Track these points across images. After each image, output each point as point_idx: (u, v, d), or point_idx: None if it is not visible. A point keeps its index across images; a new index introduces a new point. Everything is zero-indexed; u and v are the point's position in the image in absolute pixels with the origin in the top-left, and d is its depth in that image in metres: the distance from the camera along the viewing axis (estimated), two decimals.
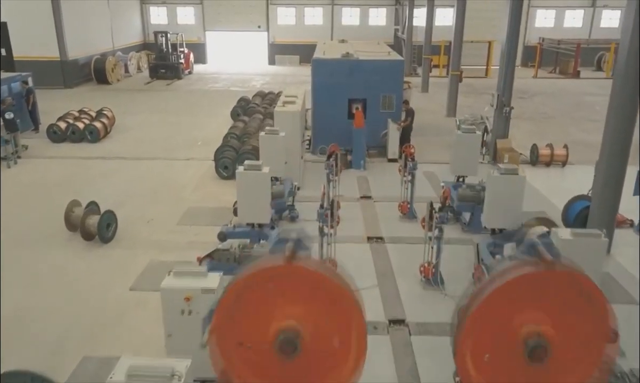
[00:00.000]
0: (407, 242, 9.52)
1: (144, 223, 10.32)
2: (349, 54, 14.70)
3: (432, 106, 22.19)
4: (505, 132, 14.31)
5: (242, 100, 20.28)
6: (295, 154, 11.71)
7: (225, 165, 12.67)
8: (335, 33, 35.19)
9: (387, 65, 14.30)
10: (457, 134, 10.54)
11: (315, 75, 14.37)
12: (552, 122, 19.65)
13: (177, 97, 23.99)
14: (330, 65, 14.34)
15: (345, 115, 14.53)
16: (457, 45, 19.09)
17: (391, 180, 12.24)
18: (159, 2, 35.07)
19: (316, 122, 14.73)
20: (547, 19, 35.52)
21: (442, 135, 17.24)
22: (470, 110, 21.18)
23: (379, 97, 14.39)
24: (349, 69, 14.28)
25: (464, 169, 10.66)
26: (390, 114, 14.48)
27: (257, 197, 8.20)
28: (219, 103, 21.90)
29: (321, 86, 14.38)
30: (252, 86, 26.93)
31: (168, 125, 18.37)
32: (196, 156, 14.65)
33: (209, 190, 12.14)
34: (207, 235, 9.39)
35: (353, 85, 14.32)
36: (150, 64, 28.62)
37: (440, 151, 15.47)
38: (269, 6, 34.98)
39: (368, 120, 14.34)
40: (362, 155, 13.58)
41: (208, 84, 27.83)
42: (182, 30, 33.77)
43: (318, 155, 14.74)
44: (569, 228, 5.96)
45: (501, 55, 13.91)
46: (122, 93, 24.71)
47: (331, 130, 14.51)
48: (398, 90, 14.41)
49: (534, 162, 14.09)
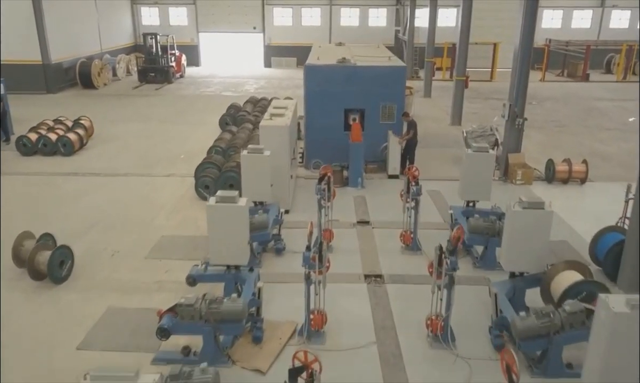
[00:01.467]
0: (411, 282, 8.17)
1: (107, 256, 8.99)
2: (345, 60, 13.36)
3: (436, 113, 20.85)
4: (518, 145, 12.97)
5: (232, 107, 18.95)
6: (284, 174, 10.38)
7: (206, 185, 11.34)
8: (334, 34, 33.89)
9: (387, 72, 12.96)
10: (467, 153, 9.20)
11: (308, 82, 13.04)
12: (564, 131, 18.30)
13: (165, 102, 22.66)
14: (325, 72, 13.00)
15: (342, 126, 13.20)
16: (463, 48, 17.75)
17: (392, 201, 10.92)
18: (150, 2, 33.75)
19: (309, 134, 13.40)
20: (554, 19, 34.17)
21: (448, 147, 15.90)
22: (476, 118, 19.90)
23: (378, 107, 13.06)
24: (345, 76, 12.94)
25: (474, 192, 9.33)
26: (391, 125, 13.14)
27: (233, 234, 6.87)
28: (209, 109, 20.57)
29: (314, 95, 13.05)
30: (245, 91, 25.61)
31: (151, 135, 17.04)
32: (178, 172, 13.31)
33: (188, 214, 10.81)
34: (179, 271, 8.09)
35: (350, 94, 12.99)
36: (139, 67, 27.27)
37: (445, 165, 14.13)
38: (265, 6, 33.65)
39: (366, 132, 13.03)
40: (360, 172, 12.24)
41: (199, 88, 26.50)
42: (175, 32, 32.57)
43: (311, 170, 13.42)
44: (622, 295, 4.62)
45: (513, 61, 12.58)
46: (108, 98, 23.39)
47: (326, 143, 13.24)
48: (400, 100, 13.07)
49: (550, 179, 12.74)
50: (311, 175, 13.16)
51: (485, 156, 9.15)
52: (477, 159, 9.13)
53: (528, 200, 6.79)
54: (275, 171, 9.98)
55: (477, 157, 9.13)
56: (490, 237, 8.38)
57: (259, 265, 8.56)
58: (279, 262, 8.82)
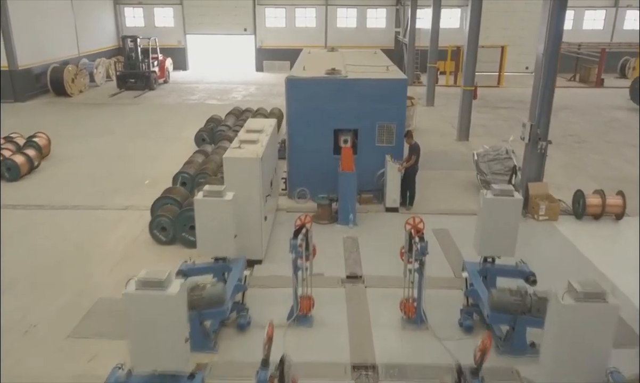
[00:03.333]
0: (414, 377, 6.11)
1: (20, 333, 6.93)
2: (335, 71, 11.31)
3: (440, 125, 18.78)
4: (540, 173, 10.91)
5: (211, 120, 16.90)
6: (254, 217, 8.33)
7: (163, 226, 9.28)
8: (330, 36, 31.85)
9: (385, 85, 10.89)
10: (486, 197, 7.12)
11: (290, 98, 10.99)
12: (585, 147, 16.22)
13: (141, 112, 20.59)
14: (310, 85, 10.94)
15: (331, 149, 11.17)
16: (471, 54, 15.67)
17: (390, 244, 8.88)
18: (134, 2, 31.68)
19: (293, 159, 11.35)
20: None
21: (455, 169, 13.83)
22: (485, 131, 17.87)
23: (374, 127, 11.00)
24: (335, 91, 10.89)
25: (495, 247, 7.26)
26: (390, 148, 11.09)
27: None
28: (188, 121, 18.51)
29: (298, 113, 11.00)
30: (231, 99, 23.55)
31: (117, 153, 14.98)
32: (137, 203, 11.24)
33: (139, 265, 8.72)
34: (108, 358, 6.03)
35: (341, 111, 10.94)
36: (118, 72, 25.21)
37: (453, 194, 12.07)
38: (256, 7, 31.57)
39: (360, 156, 11.02)
40: (352, 207, 10.17)
41: (183, 95, 24.42)
42: (161, 33, 30.64)
43: (295, 200, 11.38)
44: None
45: (535, 72, 10.53)
46: (80, 108, 21.32)
47: (312, 169, 11.23)
48: (400, 118, 11.01)
49: (579, 214, 10.67)
50: (295, 206, 11.14)
51: (510, 202, 7.08)
52: (499, 206, 7.06)
53: (583, 289, 4.72)
54: (243, 215, 7.96)
55: (498, 204, 7.06)
56: (518, 315, 6.33)
57: (213, 349, 6.51)
58: (241, 342, 6.75)
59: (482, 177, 11.87)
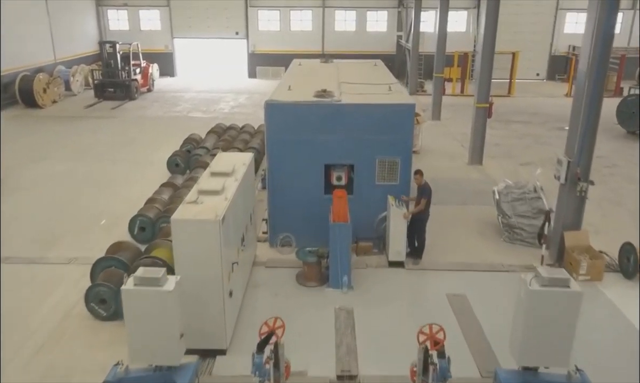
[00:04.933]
0: None
1: None
2: (326, 93, 9.25)
3: (448, 144, 16.72)
4: (578, 220, 8.87)
5: (189, 140, 14.85)
6: (214, 296, 6.27)
7: (103, 298, 7.22)
8: (327, 40, 29.82)
9: (388, 112, 8.81)
10: (530, 289, 5.03)
11: (271, 127, 8.93)
12: (618, 173, 14.15)
13: (115, 128, 18.53)
14: (296, 112, 8.88)
15: (321, 187, 9.15)
16: (486, 65, 13.58)
17: (396, 323, 6.87)
18: (118, 3, 29.63)
19: (274, 200, 9.29)
20: (578, 23, 29.97)
21: (470, 202, 11.80)
22: (500, 151, 15.84)
23: (373, 161, 8.96)
24: (326, 118, 8.84)
25: (541, 354, 5.19)
26: (393, 188, 9.04)
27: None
28: (165, 139, 16.47)
29: (281, 145, 8.95)
30: (218, 111, 21.50)
31: (77, 182, 12.93)
32: (83, 255, 9.15)
33: (66, 352, 6.69)
34: None
35: (333, 143, 8.90)
36: (96, 81, 23.13)
37: (469, 237, 10.03)
38: (249, 8, 29.50)
39: (357, 197, 9.02)
40: (346, 267, 8.11)
41: (165, 106, 22.35)
42: (147, 37, 28.72)
43: (278, 249, 9.34)
44: None
45: (576, 91, 8.48)
46: (49, 122, 19.26)
47: (298, 211, 9.22)
48: (406, 152, 8.94)
49: (629, 272, 8.60)
50: (277, 258, 9.12)
51: (565, 297, 5.01)
52: (549, 301, 4.99)
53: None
54: (200, 294, 5.98)
55: (548, 298, 4.99)
56: None
57: None
58: None
59: (505, 220, 9.81)
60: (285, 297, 7.96)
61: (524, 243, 9.64)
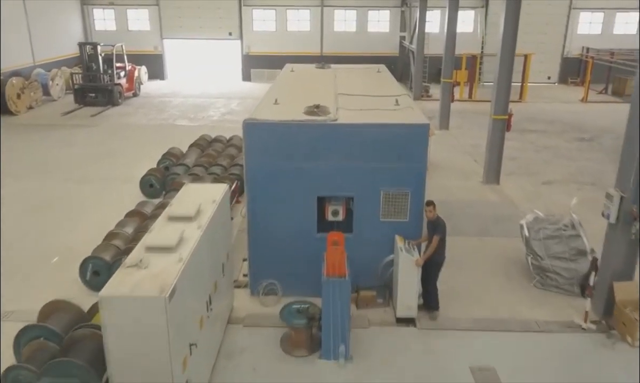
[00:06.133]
0: None
1: None
2: (319, 109, 7.56)
3: (459, 158, 15.03)
4: (631, 268, 7.18)
5: (167, 156, 13.17)
6: None
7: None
8: (326, 42, 28.13)
9: (397, 134, 7.11)
10: None
11: (250, 151, 7.24)
12: None
13: (93, 139, 16.84)
14: (281, 133, 7.19)
15: (313, 225, 7.48)
16: (505, 72, 11.91)
17: None
18: (104, 2, 27.94)
19: (256, 240, 7.60)
20: (592, 24, 28.27)
21: (489, 233, 10.10)
22: (516, 166, 14.28)
23: (377, 194, 7.28)
24: (319, 141, 7.16)
25: None
26: (401, 226, 7.36)
27: None
28: (145, 151, 14.80)
29: (263, 173, 7.27)
30: (207, 119, 19.81)
31: (36, 206, 11.25)
32: (23, 307, 7.47)
33: None
34: None
35: (328, 171, 7.23)
36: (76, 85, 21.43)
37: (493, 282, 8.32)
38: (243, 7, 27.80)
39: (357, 236, 7.36)
40: (343, 333, 6.40)
41: (150, 113, 20.65)
42: (135, 38, 27.15)
43: (261, 299, 7.66)
44: None
45: (630, 120, 6.80)
46: (21, 132, 17.58)
47: (284, 254, 7.57)
48: (418, 182, 7.25)
49: None
50: (259, 313, 7.44)
51: None
52: None
53: None
54: None
55: None
56: None
57: None
58: None
59: (536, 262, 8.12)
60: (266, 372, 6.27)
61: (559, 290, 7.95)
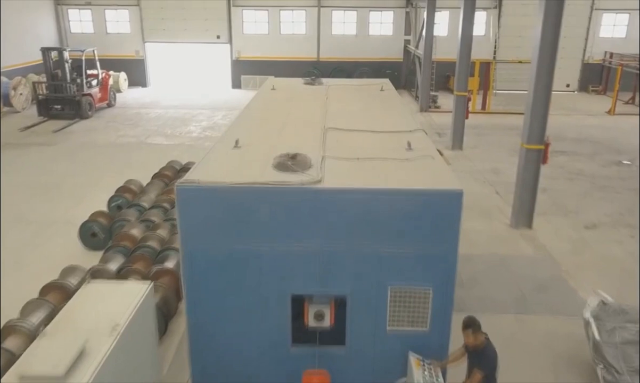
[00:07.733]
0: None
1: None
2: (297, 162, 5.07)
3: (477, 188, 12.53)
4: None
5: (122, 191, 10.68)
6: None
7: None
8: (323, 46, 25.68)
9: (414, 204, 4.63)
10: None
11: (187, 229, 4.75)
12: None
13: (44, 162, 14.31)
14: (233, 202, 4.70)
15: (286, 335, 5.00)
16: (543, 90, 9.41)
17: None
18: (81, 2, 25.50)
19: (197, 359, 5.11)
20: (616, 26, 25.76)
21: (532, 308, 7.56)
22: (546, 199, 11.71)
23: (383, 291, 4.79)
24: (295, 213, 4.67)
25: None
26: (418, 338, 4.89)
27: None
28: (103, 182, 12.31)
29: (207, 262, 4.79)
30: (185, 135, 17.32)
31: None
32: None
33: None
34: None
35: (306, 258, 4.74)
36: (40, 96, 18.98)
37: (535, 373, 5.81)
38: (232, 8, 25.34)
39: (351, 353, 4.93)
40: None
41: (122, 128, 18.16)
42: (115, 41, 24.86)
43: None
44: None
45: None
46: None
47: (242, 377, 5.04)
48: (445, 276, 4.76)
49: None
50: None
51: None
52: None
53: None
54: None
55: None
56: None
57: None
58: None
59: (611, 377, 5.62)
60: None
61: None
